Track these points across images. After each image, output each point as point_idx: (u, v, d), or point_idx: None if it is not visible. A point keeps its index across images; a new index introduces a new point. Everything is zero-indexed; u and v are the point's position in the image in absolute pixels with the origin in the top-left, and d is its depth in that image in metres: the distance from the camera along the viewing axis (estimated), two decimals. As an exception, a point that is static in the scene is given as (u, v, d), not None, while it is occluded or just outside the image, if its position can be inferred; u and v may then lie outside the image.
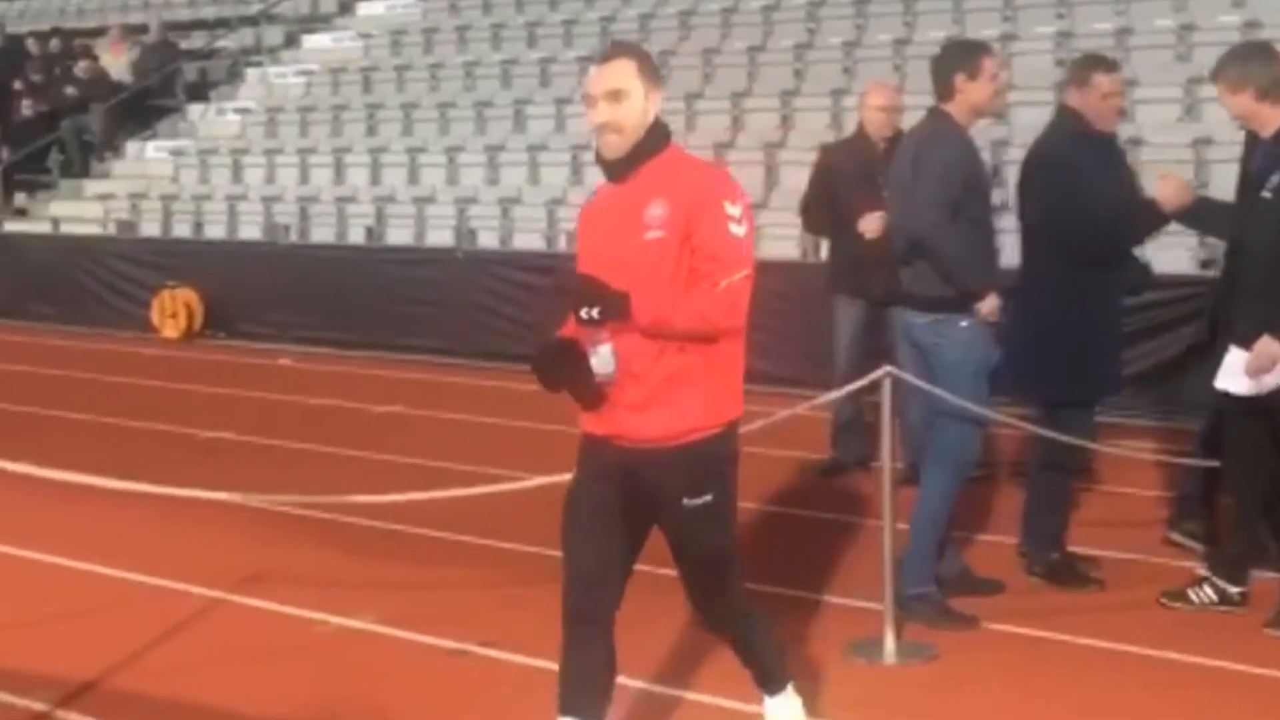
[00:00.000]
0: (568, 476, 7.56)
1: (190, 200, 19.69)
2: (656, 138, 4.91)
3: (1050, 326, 7.26)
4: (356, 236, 17.75)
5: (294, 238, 18.15)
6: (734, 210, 4.76)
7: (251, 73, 22.57)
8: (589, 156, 16.80)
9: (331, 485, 8.86)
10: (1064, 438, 7.27)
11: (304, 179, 19.33)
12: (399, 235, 17.43)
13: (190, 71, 23.65)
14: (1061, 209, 7.14)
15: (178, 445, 11.31)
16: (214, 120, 21.79)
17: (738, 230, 4.75)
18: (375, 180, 18.63)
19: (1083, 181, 7.13)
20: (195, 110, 22.38)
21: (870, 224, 9.25)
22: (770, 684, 5.35)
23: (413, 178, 18.28)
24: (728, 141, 16.30)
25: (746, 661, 5.35)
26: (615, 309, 4.67)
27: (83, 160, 22.12)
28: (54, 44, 25.21)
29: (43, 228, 20.77)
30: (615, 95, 4.83)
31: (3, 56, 25.52)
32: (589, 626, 4.95)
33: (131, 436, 11.73)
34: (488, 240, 16.73)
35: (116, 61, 23.51)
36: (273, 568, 7.94)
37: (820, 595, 7.40)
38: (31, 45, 25.57)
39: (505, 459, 9.72)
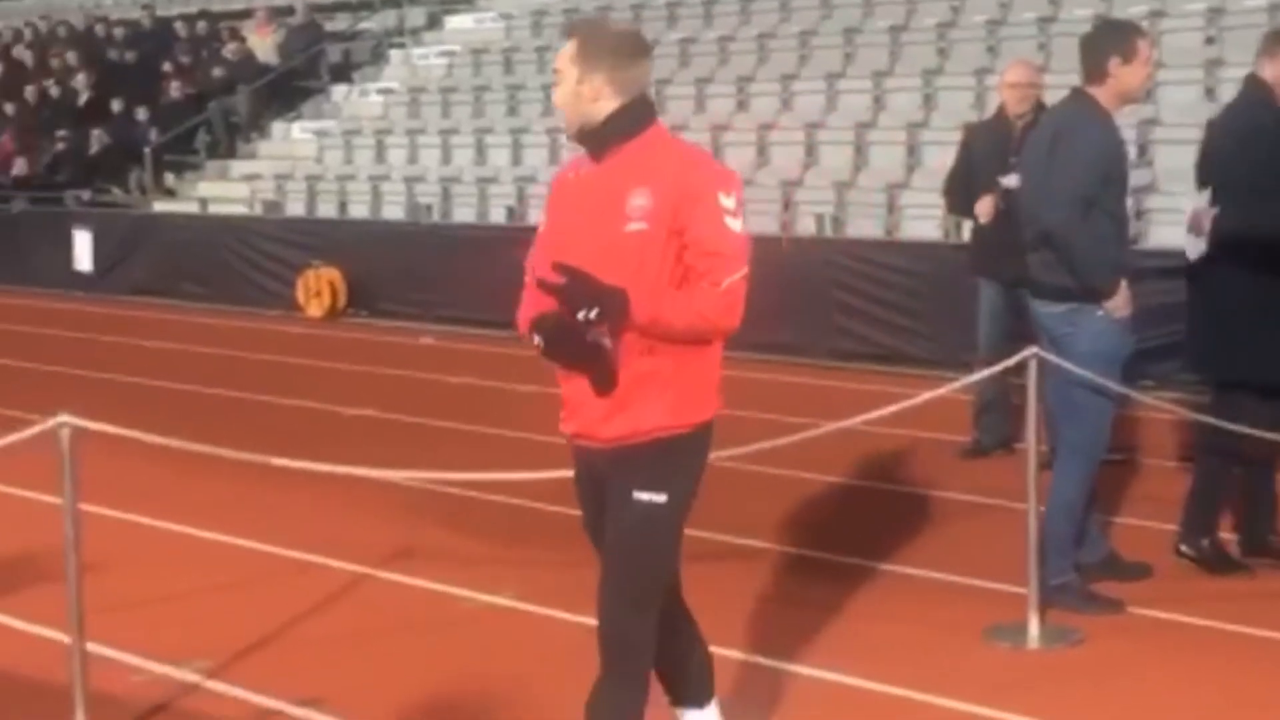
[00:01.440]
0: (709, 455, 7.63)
1: (334, 180, 19.93)
2: (628, 119, 4.58)
3: (1232, 302, 7.04)
4: (498, 216, 17.87)
5: (436, 218, 18.31)
6: (728, 202, 4.50)
7: (395, 54, 22.79)
8: (730, 137, 16.86)
9: (472, 463, 8.91)
10: (1223, 423, 7.08)
11: (446, 159, 19.49)
12: (539, 215, 17.48)
13: (334, 53, 23.94)
14: (1249, 181, 6.93)
15: (322, 422, 11.46)
16: (357, 101, 22.05)
17: (734, 224, 4.51)
18: (516, 160, 18.75)
19: (1272, 154, 6.92)
20: (339, 91, 22.65)
21: (983, 207, 9.28)
22: None
23: (553, 158, 18.35)
24: (869, 121, 16.21)
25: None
26: (614, 309, 4.38)
27: (229, 141, 22.47)
28: (201, 26, 25.64)
29: (190, 208, 21.14)
30: (555, 76, 4.67)
31: (151, 39, 26.01)
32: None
33: (277, 413, 11.92)
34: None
35: (263, 43, 23.85)
36: (415, 544, 8.02)
37: (960, 578, 7.35)
38: (179, 28, 26.02)
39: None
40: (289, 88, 23.10)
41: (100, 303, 19.46)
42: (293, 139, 21.94)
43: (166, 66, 24.32)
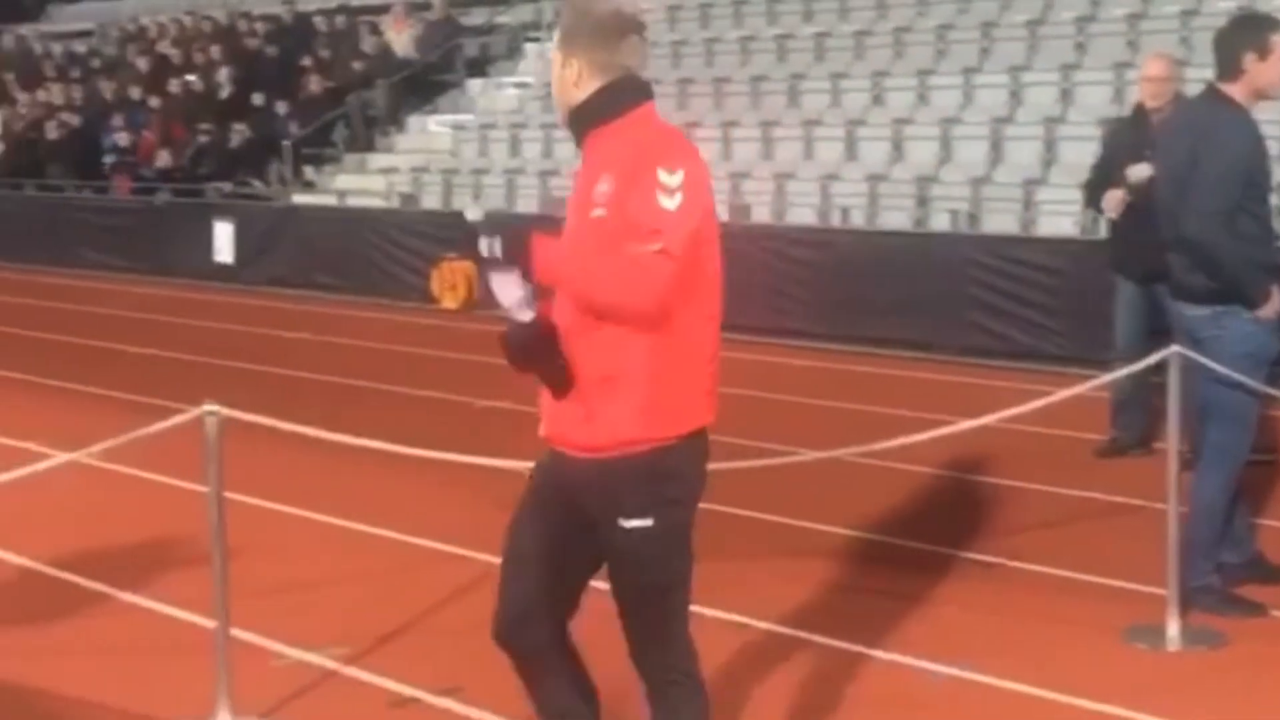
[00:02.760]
0: (844, 451, 7.62)
1: (469, 174, 20.09)
2: (603, 102, 4.27)
3: None
4: (632, 210, 17.90)
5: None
6: (669, 179, 4.09)
7: (530, 48, 22.91)
8: (865, 131, 16.80)
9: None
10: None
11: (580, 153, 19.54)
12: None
13: (471, 47, 24.10)
14: None
15: (456, 414, 11.57)
16: (493, 95, 22.19)
17: (666, 201, 4.07)
18: (650, 154, 18.76)
19: None
20: (475, 85, 22.82)
21: (1110, 201, 9.27)
22: None
23: (688, 152, 18.37)
24: (1006, 116, 16.08)
25: None
26: (514, 241, 4.11)
27: (367, 135, 22.71)
28: (340, 21, 25.93)
29: (328, 200, 21.40)
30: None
31: (291, 34, 26.35)
32: (527, 663, 4.49)
33: (412, 404, 12.03)
34: (761, 215, 16.75)
35: (400, 38, 24.07)
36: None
37: (1098, 578, 7.28)
38: (319, 23, 26.33)
39: (778, 433, 9.73)
40: (426, 82, 23.31)
41: (240, 293, 19.76)
42: (429, 132, 22.15)
43: (306, 61, 24.63)
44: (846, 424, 10.68)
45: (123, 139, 25.49)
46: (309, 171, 22.63)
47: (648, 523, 4.18)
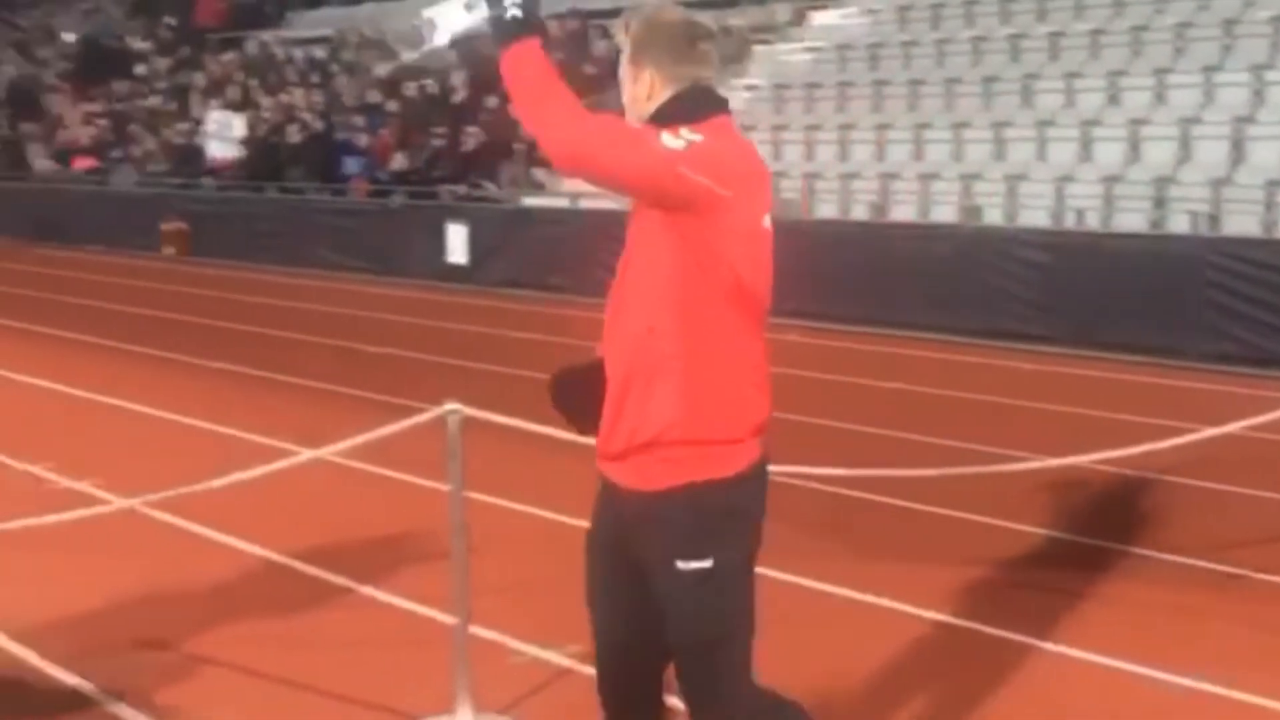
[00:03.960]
0: (1075, 460, 7.50)
1: (699, 176, 20.12)
2: (670, 113, 3.97)
3: None
4: (859, 213, 17.84)
5: (799, 214, 18.37)
6: (672, 140, 3.79)
7: (759, 50, 22.90)
8: (1100, 132, 16.52)
9: (832, 458, 8.93)
10: None
11: (809, 155, 19.53)
12: (903, 211, 17.44)
13: (700, 50, 24.13)
14: None
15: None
16: (722, 98, 22.22)
17: (655, 140, 3.79)
18: (879, 157, 18.68)
19: None
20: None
21: None
22: None
23: (917, 154, 18.25)
24: (1248, 115, 15.70)
25: None
26: (504, 28, 3.89)
27: (598, 138, 22.85)
28: (572, 25, 26.19)
29: (560, 203, 21.62)
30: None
31: (524, 38, 26.67)
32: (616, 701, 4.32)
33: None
34: (992, 217, 16.57)
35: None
36: (772, 536, 8.05)
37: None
38: (551, 26, 26.61)
39: (1008, 438, 9.63)
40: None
41: (473, 294, 20.08)
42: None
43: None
44: (1079, 429, 10.51)
45: (360, 142, 26.07)
46: (540, 174, 22.88)
47: (707, 564, 3.88)
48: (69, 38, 40.35)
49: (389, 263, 22.30)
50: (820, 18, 22.84)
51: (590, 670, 6.24)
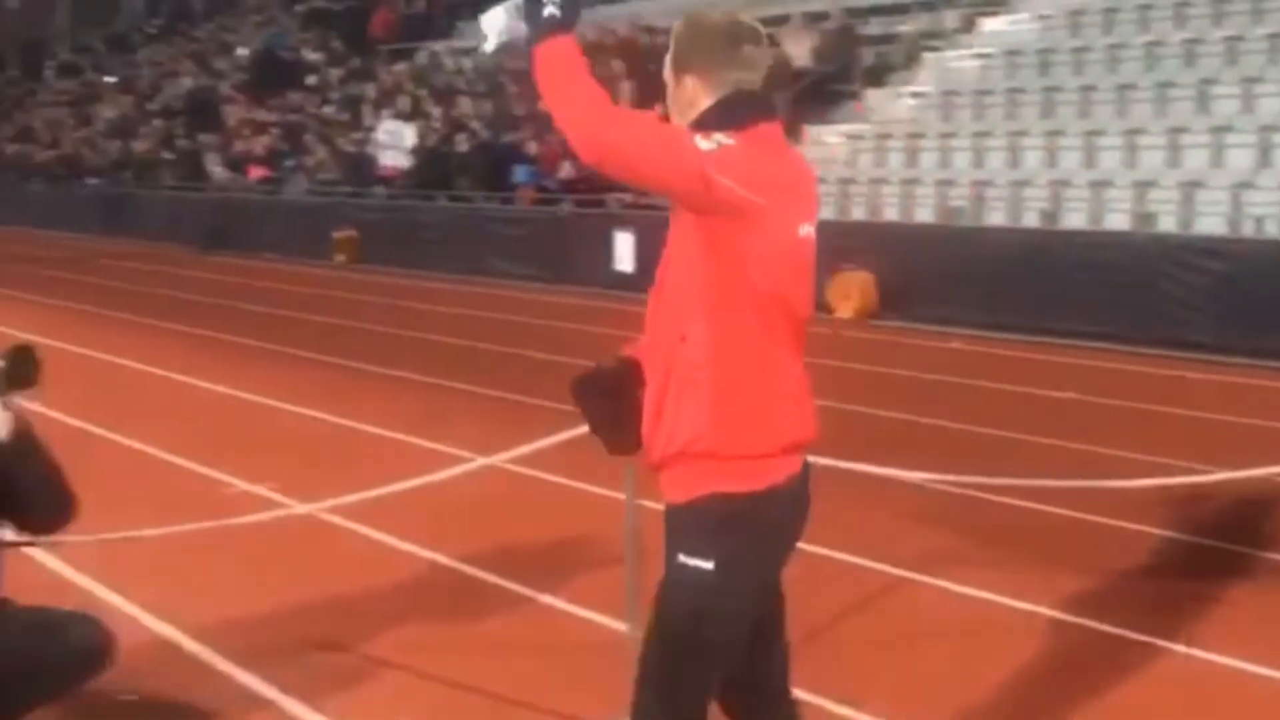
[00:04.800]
0: (1245, 474, 7.37)
1: (866, 184, 20.08)
2: (713, 119, 3.84)
3: None
4: (1030, 220, 17.67)
5: (967, 221, 18.24)
6: (705, 142, 3.71)
7: (928, 57, 22.78)
8: (1231, 139, 16.21)
9: (1002, 468, 8.88)
10: None
11: (978, 163, 19.38)
12: (1074, 219, 17.24)
13: (868, 56, 24.09)
14: None
15: (852, 423, 11.58)
16: (890, 104, 22.14)
17: (688, 141, 3.72)
18: (1050, 164, 18.48)
19: None
20: (872, 95, 22.79)
21: None
22: None
23: (1089, 161, 18.02)
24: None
25: None
26: (540, 24, 3.87)
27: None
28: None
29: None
30: None
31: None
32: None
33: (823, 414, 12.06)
34: (1166, 224, 16.32)
35: (799, 48, 24.21)
36: (946, 547, 8.03)
37: None
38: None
39: (1178, 449, 9.48)
40: (823, 91, 23.39)
41: (639, 302, 19.95)
42: (825, 142, 22.21)
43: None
44: (1256, 441, 10.33)
45: (530, 150, 26.30)
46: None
47: (708, 565, 3.80)
48: (243, 50, 41.21)
49: (556, 270, 22.48)
50: (990, 24, 22.63)
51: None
